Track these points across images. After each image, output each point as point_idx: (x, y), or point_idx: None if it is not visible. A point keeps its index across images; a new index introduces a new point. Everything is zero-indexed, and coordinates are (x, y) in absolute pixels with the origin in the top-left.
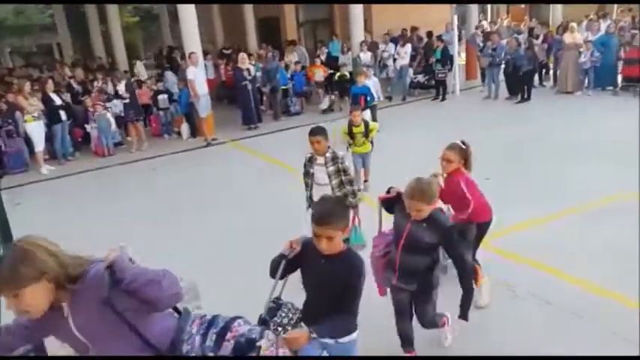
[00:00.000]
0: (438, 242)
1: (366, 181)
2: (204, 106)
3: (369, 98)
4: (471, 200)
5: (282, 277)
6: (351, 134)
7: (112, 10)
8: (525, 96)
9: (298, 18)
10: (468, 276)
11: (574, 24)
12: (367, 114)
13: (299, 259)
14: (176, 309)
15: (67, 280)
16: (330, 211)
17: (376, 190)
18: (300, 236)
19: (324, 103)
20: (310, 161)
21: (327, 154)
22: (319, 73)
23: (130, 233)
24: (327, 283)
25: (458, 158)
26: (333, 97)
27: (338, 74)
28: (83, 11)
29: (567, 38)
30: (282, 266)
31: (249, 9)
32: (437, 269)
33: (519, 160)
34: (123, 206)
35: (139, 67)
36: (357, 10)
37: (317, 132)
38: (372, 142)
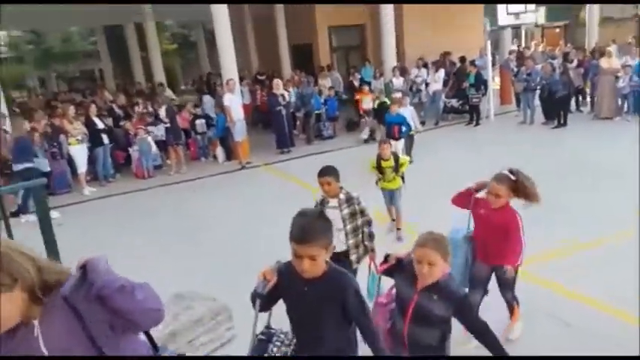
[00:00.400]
0: (450, 315)
1: (398, 229)
2: (239, 131)
3: (404, 128)
4: (524, 243)
5: (263, 311)
6: (379, 168)
7: (152, 37)
8: (562, 121)
9: (331, 44)
10: (493, 342)
11: (610, 48)
12: (400, 145)
13: (279, 290)
14: (153, 345)
15: (42, 289)
16: (311, 227)
17: (408, 215)
18: (275, 263)
19: (365, 133)
20: (322, 204)
21: (341, 196)
22: (367, 100)
23: (167, 250)
24: (316, 311)
25: (507, 192)
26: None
27: (377, 101)
28: (124, 38)
29: (604, 63)
30: (257, 306)
31: (283, 36)
32: (449, 339)
33: (554, 185)
34: (161, 225)
35: (168, 93)
36: (389, 36)
37: (326, 172)
38: (402, 178)
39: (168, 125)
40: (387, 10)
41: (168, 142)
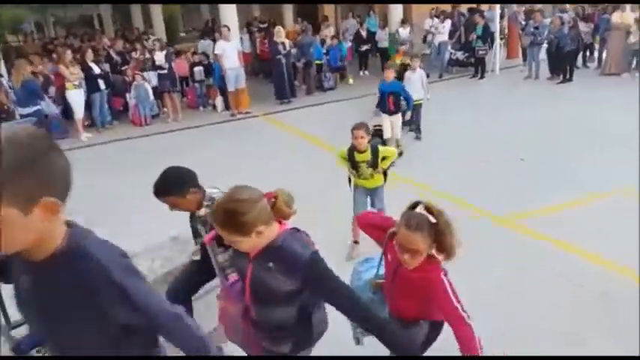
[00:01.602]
0: (299, 286)
1: None
2: (232, 80)
3: (404, 100)
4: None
5: None
6: (352, 162)
7: None
8: (567, 76)
9: None
10: (389, 337)
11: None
12: (398, 120)
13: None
14: None
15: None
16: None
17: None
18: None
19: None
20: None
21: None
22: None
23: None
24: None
25: (428, 242)
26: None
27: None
28: None
29: (616, 17)
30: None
31: None
32: (319, 311)
33: (555, 142)
34: (158, 173)
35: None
36: None
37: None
38: (385, 174)
39: (164, 72)
40: None
41: (163, 88)
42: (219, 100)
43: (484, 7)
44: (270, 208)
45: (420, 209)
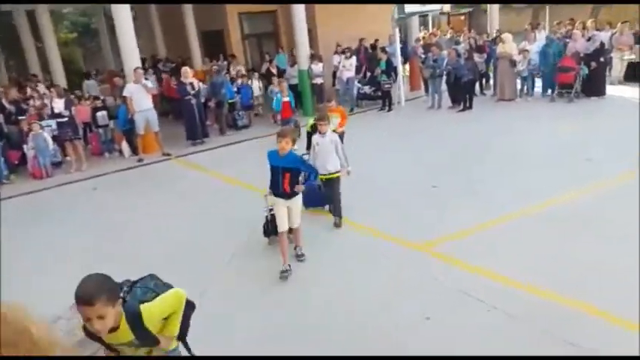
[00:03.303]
0: None
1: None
2: (141, 123)
3: (302, 176)
4: None
5: None
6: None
7: (46, 24)
8: (467, 105)
9: (243, 31)
10: None
11: (505, 35)
12: (297, 208)
13: None
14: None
15: None
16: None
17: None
18: None
19: None
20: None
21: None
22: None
23: (69, 257)
24: None
25: None
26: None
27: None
28: (15, 26)
29: (499, 48)
30: None
31: (190, 22)
32: None
33: (464, 167)
34: (61, 228)
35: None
36: (301, 23)
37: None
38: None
39: (64, 119)
40: None
41: (64, 136)
42: (124, 145)
43: (384, 42)
44: None
45: None
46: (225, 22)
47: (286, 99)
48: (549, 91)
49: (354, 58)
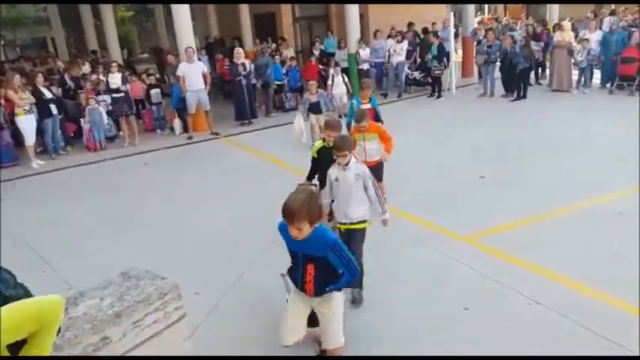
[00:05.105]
0: None
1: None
2: (192, 103)
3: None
4: None
5: None
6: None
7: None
8: (521, 94)
9: (294, 14)
10: None
11: (565, 22)
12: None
13: None
14: None
15: None
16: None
17: None
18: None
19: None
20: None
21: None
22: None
23: (118, 227)
24: None
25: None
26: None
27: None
28: (76, 4)
29: (557, 36)
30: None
31: (244, 5)
32: None
33: (513, 158)
34: (112, 200)
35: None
36: (353, 7)
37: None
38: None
39: (120, 95)
40: None
41: (119, 112)
42: (177, 123)
43: (438, 27)
44: None
45: None
46: (278, 5)
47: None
48: (609, 83)
49: (405, 42)
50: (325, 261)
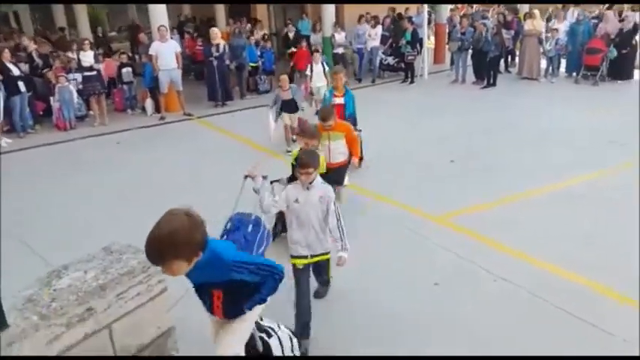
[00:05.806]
0: None
1: None
2: (164, 82)
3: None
4: None
5: None
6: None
7: None
8: (491, 81)
9: None
10: None
11: (536, 11)
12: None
13: None
14: None
15: None
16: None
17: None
18: None
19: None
20: None
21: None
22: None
23: (94, 204)
24: None
25: None
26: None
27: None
28: None
29: (528, 25)
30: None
31: None
32: None
33: (482, 143)
34: (84, 179)
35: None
36: None
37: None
38: None
39: (92, 73)
40: None
41: (90, 90)
42: (149, 103)
43: (412, 12)
44: None
45: None
46: None
47: None
48: (575, 72)
49: (379, 27)
50: (231, 282)
